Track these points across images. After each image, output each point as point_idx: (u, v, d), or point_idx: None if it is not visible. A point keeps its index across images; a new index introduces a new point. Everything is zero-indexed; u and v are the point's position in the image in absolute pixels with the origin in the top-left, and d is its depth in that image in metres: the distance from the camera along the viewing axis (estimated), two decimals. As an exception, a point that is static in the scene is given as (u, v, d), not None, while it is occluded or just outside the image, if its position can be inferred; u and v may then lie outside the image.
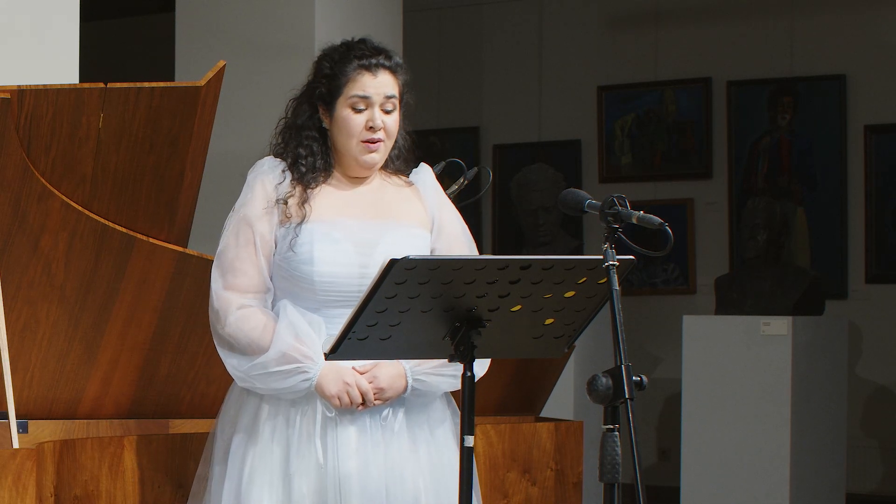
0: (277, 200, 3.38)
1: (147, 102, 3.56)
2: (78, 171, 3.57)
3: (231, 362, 3.35)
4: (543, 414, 4.47)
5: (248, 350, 3.31)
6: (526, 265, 2.96)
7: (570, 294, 3.04)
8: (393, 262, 2.88)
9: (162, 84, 3.59)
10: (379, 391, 3.31)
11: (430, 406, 3.41)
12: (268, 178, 3.40)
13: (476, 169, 4.44)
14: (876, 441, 8.73)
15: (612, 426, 2.87)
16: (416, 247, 3.39)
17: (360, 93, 3.37)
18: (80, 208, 3.57)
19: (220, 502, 3.36)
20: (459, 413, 3.19)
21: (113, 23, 10.76)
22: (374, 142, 3.38)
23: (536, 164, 8.11)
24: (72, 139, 3.54)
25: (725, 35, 9.17)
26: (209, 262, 3.68)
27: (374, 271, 2.96)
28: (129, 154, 3.60)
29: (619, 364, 2.87)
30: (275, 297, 3.40)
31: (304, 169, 3.40)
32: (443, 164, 4.40)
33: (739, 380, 7.21)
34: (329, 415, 3.31)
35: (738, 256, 8.73)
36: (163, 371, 3.81)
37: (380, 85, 3.38)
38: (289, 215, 3.37)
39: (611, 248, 2.97)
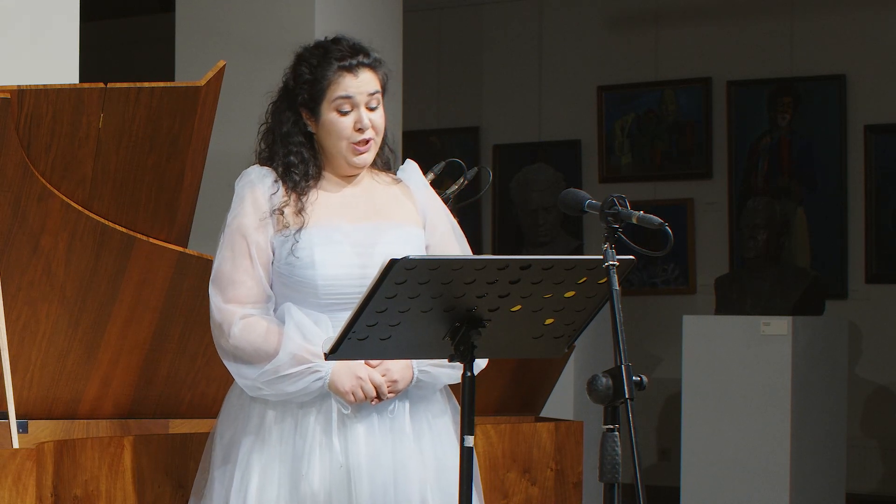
0: (273, 211, 3.35)
1: (147, 102, 3.55)
2: (78, 171, 3.57)
3: (240, 372, 3.33)
4: (543, 414, 4.46)
5: (255, 358, 3.29)
6: (526, 265, 2.96)
7: (570, 294, 3.04)
8: (393, 262, 2.88)
9: (162, 84, 3.58)
10: (392, 383, 3.30)
11: (430, 399, 3.41)
12: (258, 189, 3.38)
13: (476, 169, 4.43)
14: (876, 441, 8.72)
15: (612, 426, 2.87)
16: (413, 245, 3.38)
17: (344, 93, 3.35)
18: (80, 208, 3.57)
19: None
20: (459, 409, 3.19)
21: (113, 23, 10.75)
22: (364, 142, 3.38)
23: (536, 164, 8.11)
24: (72, 139, 3.53)
25: (725, 35, 9.16)
26: (209, 262, 3.67)
27: (374, 272, 2.95)
28: (129, 154, 3.60)
29: (619, 364, 2.87)
30: (276, 304, 3.38)
31: (297, 177, 3.38)
32: (443, 164, 4.40)
33: (739, 380, 7.20)
34: (345, 412, 3.29)
35: (738, 256, 8.73)
36: (163, 371, 3.81)
37: (362, 84, 3.36)
38: (286, 224, 3.35)
39: (611, 248, 2.97)
